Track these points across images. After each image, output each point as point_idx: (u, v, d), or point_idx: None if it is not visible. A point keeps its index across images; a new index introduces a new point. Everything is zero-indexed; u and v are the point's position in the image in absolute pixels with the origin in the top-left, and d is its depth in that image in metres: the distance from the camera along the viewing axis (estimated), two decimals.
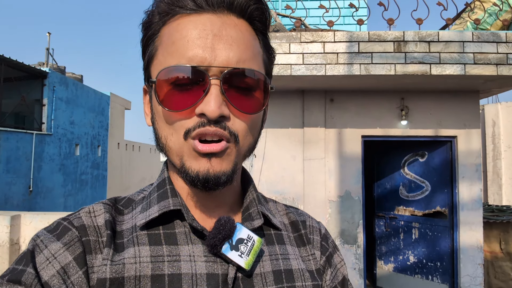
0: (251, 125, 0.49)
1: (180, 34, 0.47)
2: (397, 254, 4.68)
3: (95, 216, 0.50)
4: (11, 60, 9.18)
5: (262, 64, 0.51)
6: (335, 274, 0.60)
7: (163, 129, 0.49)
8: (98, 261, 0.46)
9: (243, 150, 0.50)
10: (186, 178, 0.48)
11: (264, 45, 0.53)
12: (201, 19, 0.47)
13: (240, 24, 0.48)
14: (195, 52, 0.45)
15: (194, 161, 0.46)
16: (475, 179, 4.09)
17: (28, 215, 3.95)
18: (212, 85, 0.45)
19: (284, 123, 4.23)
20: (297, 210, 0.66)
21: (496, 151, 8.56)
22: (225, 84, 0.45)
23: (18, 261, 0.46)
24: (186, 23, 0.47)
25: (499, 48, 3.27)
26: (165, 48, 0.48)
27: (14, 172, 9.48)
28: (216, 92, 0.44)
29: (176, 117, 0.47)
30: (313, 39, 3.37)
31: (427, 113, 4.16)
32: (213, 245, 0.47)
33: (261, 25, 0.52)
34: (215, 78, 0.45)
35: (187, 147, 0.47)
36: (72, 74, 13.73)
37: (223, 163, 0.47)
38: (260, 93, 0.49)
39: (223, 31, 0.46)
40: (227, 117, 0.46)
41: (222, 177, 0.46)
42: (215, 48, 0.45)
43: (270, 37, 0.55)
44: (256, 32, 0.52)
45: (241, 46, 0.47)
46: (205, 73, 0.45)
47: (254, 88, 0.48)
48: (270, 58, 0.55)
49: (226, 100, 0.46)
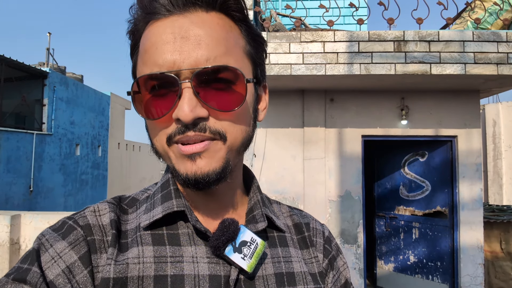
0: (237, 120, 0.48)
1: (150, 41, 0.46)
2: (398, 254, 4.68)
3: (100, 215, 0.50)
4: (12, 60, 9.17)
5: (242, 56, 0.49)
6: (337, 277, 0.60)
7: (152, 135, 0.50)
8: (102, 260, 0.46)
9: (235, 146, 0.48)
10: (178, 180, 0.48)
11: (247, 34, 0.51)
12: (168, 23, 0.46)
13: (209, 19, 0.47)
14: (164, 58, 0.44)
15: (182, 163, 0.46)
16: (475, 179, 4.09)
17: (28, 215, 3.94)
18: (184, 89, 0.44)
19: (284, 123, 4.23)
20: (301, 212, 0.66)
21: (496, 150, 8.56)
22: (201, 84, 0.44)
23: (23, 259, 0.46)
24: (155, 30, 0.46)
25: (499, 47, 3.27)
26: (140, 57, 0.48)
27: (14, 172, 9.48)
28: (189, 95, 0.44)
29: (157, 124, 0.47)
30: (313, 39, 3.37)
31: (427, 113, 4.16)
32: (216, 246, 0.48)
33: (239, 14, 0.50)
34: (186, 81, 0.44)
35: (172, 152, 0.47)
36: (72, 74, 13.74)
37: (212, 162, 0.46)
38: (241, 87, 0.46)
39: (190, 32, 0.45)
40: (205, 118, 0.45)
41: (212, 175, 0.46)
42: (183, 50, 0.44)
43: (270, 37, 0.55)
44: (235, 22, 0.50)
45: (210, 44, 0.45)
46: (175, 77, 0.44)
47: (233, 83, 0.46)
48: (257, 46, 0.53)
49: (201, 101, 0.44)
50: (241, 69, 0.46)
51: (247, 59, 0.50)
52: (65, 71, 13.19)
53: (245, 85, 0.47)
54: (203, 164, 0.45)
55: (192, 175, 0.45)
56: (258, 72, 0.53)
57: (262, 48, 0.54)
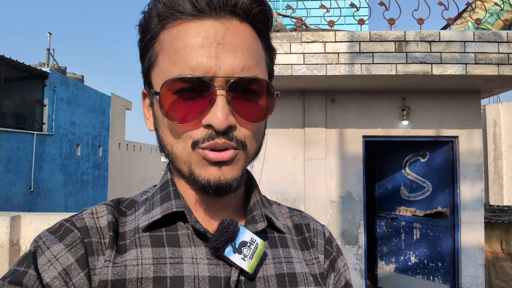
0: (257, 131, 0.49)
1: (182, 42, 0.45)
2: (398, 254, 4.67)
3: (98, 218, 0.50)
4: (12, 60, 9.18)
5: (265, 68, 0.51)
6: (338, 279, 0.59)
7: (168, 137, 0.48)
8: (100, 263, 0.46)
9: (250, 155, 0.50)
10: (196, 185, 0.47)
11: (266, 47, 0.52)
12: (204, 26, 0.45)
13: (243, 29, 0.47)
14: (199, 61, 0.44)
15: (204, 169, 0.46)
16: (476, 179, 4.08)
17: (28, 216, 3.94)
18: (218, 96, 0.44)
19: (285, 123, 4.22)
20: (301, 213, 0.66)
21: (497, 151, 8.55)
22: (231, 93, 0.45)
23: (20, 262, 0.45)
24: (188, 30, 0.45)
25: (500, 48, 3.27)
26: (167, 56, 0.47)
27: (15, 172, 9.48)
28: (222, 103, 0.44)
29: (182, 128, 0.46)
30: (314, 39, 3.37)
31: (428, 113, 4.16)
32: (216, 247, 0.47)
33: (264, 27, 0.51)
34: (221, 89, 0.44)
35: (196, 156, 0.46)
36: (73, 74, 13.75)
37: (234, 170, 0.47)
38: (264, 100, 0.48)
39: (226, 39, 0.45)
40: (233, 127, 0.46)
41: (233, 183, 0.47)
42: (220, 57, 0.44)
43: (271, 37, 0.55)
44: (258, 35, 0.50)
45: (245, 53, 0.46)
46: (210, 83, 0.44)
47: (259, 95, 0.47)
48: (272, 59, 0.54)
49: (233, 110, 0.45)
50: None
51: (267, 71, 0.52)
52: (65, 71, 13.19)
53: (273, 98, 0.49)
54: (227, 171, 0.46)
55: (215, 182, 0.46)
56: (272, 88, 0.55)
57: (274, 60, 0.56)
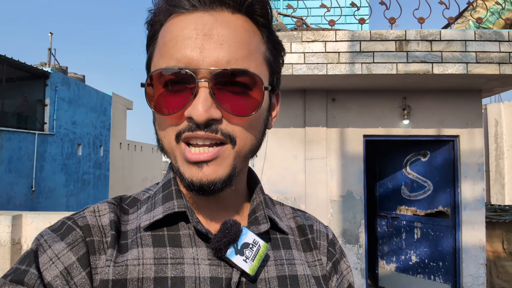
0: (250, 126, 0.47)
1: (170, 34, 0.45)
2: (399, 254, 4.67)
3: (100, 216, 0.50)
4: (13, 60, 9.19)
5: (262, 62, 0.49)
6: (340, 281, 0.59)
7: (158, 130, 0.49)
8: (101, 262, 0.46)
9: (243, 152, 0.48)
10: (182, 183, 0.47)
11: (268, 40, 0.51)
12: (192, 18, 0.45)
13: (234, 20, 0.46)
14: (183, 53, 0.43)
15: (187, 168, 0.45)
16: (477, 179, 4.07)
17: (30, 215, 3.95)
18: (201, 88, 0.43)
19: (286, 122, 4.22)
20: (304, 213, 0.65)
21: (498, 150, 8.53)
22: (217, 85, 0.43)
23: (21, 260, 0.45)
24: (178, 23, 0.46)
25: (501, 46, 3.26)
26: (158, 49, 0.47)
27: (16, 172, 9.50)
28: (204, 95, 0.43)
29: (167, 120, 0.46)
30: (315, 39, 3.36)
31: (429, 113, 4.15)
32: (218, 248, 0.47)
33: (263, 19, 0.49)
34: (204, 80, 0.43)
35: (179, 151, 0.46)
36: (74, 74, 13.77)
37: (219, 169, 0.45)
38: (258, 93, 0.46)
39: (213, 30, 0.44)
40: (218, 120, 0.44)
41: (217, 184, 0.45)
42: (204, 48, 0.43)
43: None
44: (258, 27, 0.49)
45: (233, 45, 0.44)
46: (193, 75, 0.43)
47: (250, 88, 0.45)
48: (275, 54, 0.52)
49: (216, 103, 0.44)
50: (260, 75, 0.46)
51: (266, 65, 0.50)
52: (66, 71, 13.21)
53: (263, 92, 0.46)
54: (209, 172, 0.45)
55: (197, 182, 0.45)
56: (274, 80, 0.53)
57: (280, 56, 0.54)
